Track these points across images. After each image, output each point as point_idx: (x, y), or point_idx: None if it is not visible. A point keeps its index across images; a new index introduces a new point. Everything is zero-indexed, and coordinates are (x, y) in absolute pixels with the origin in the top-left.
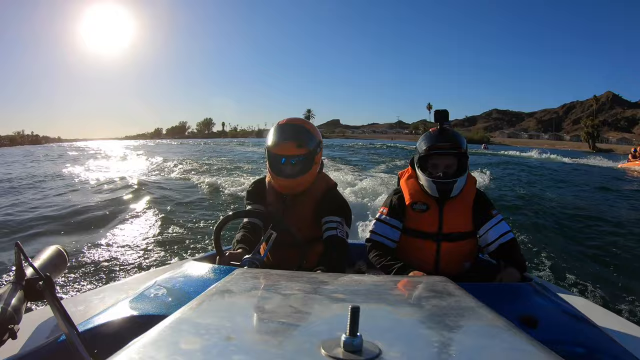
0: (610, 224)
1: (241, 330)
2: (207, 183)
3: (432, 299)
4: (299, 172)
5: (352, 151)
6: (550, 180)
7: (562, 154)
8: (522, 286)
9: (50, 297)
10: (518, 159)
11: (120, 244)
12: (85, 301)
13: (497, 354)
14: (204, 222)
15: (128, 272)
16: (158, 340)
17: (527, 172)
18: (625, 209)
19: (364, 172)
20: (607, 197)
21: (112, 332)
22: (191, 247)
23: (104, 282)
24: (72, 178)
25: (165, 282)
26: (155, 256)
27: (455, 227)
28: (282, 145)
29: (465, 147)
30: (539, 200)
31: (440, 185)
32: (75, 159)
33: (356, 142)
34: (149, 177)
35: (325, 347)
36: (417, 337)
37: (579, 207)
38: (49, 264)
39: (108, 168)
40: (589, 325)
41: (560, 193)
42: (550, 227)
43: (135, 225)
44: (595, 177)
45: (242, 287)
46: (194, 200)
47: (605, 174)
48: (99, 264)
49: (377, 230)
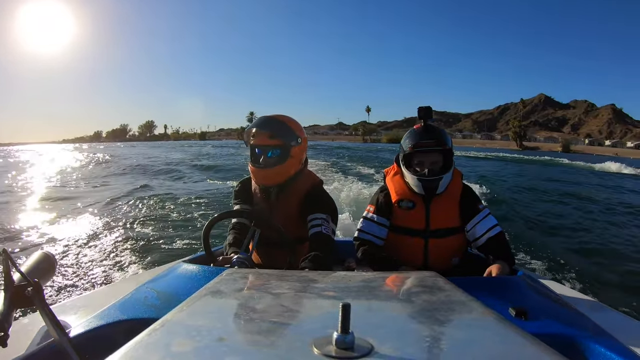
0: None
1: (233, 330)
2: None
3: (422, 294)
4: (274, 163)
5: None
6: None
7: (493, 151)
8: (511, 279)
9: (39, 303)
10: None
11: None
12: (74, 306)
13: (488, 346)
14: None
15: (118, 276)
16: (149, 344)
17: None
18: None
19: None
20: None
21: (102, 337)
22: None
23: (93, 287)
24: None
25: (155, 285)
26: (144, 258)
27: (442, 223)
28: (257, 137)
29: (451, 144)
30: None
31: (425, 183)
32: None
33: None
34: (141, 179)
35: (317, 345)
36: (408, 333)
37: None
38: (36, 270)
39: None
40: (578, 314)
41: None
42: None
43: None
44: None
45: (232, 287)
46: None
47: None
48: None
49: (365, 228)
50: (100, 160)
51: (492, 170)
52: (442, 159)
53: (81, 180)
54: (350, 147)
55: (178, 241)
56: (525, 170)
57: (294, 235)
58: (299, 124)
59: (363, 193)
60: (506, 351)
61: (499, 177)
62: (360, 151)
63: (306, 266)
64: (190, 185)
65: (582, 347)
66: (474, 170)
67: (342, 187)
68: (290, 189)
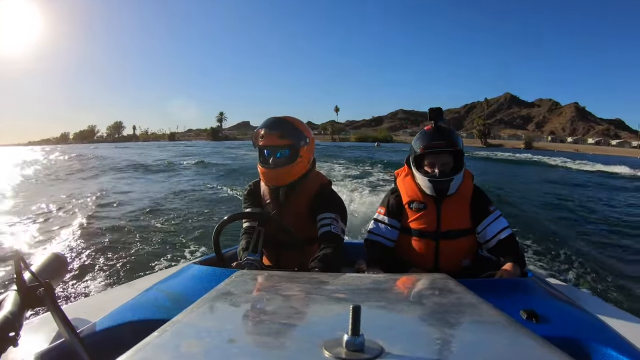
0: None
1: (243, 332)
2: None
3: (433, 297)
4: (283, 163)
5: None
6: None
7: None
8: (522, 281)
9: (50, 304)
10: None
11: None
12: (85, 307)
13: (498, 349)
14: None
15: (129, 277)
16: (160, 345)
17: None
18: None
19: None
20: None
21: (113, 338)
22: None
23: (105, 287)
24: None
25: (165, 286)
26: (155, 259)
27: (453, 225)
28: (266, 137)
29: (462, 145)
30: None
31: (436, 184)
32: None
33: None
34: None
35: (327, 347)
36: (419, 335)
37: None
38: (48, 271)
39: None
40: (590, 317)
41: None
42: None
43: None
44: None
45: (242, 289)
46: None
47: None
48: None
49: (375, 230)
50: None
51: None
52: (452, 160)
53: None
54: (320, 145)
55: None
56: (484, 165)
57: (304, 235)
58: (306, 125)
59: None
60: (517, 354)
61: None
62: (331, 149)
63: (315, 266)
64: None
65: (594, 350)
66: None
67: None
68: (299, 189)
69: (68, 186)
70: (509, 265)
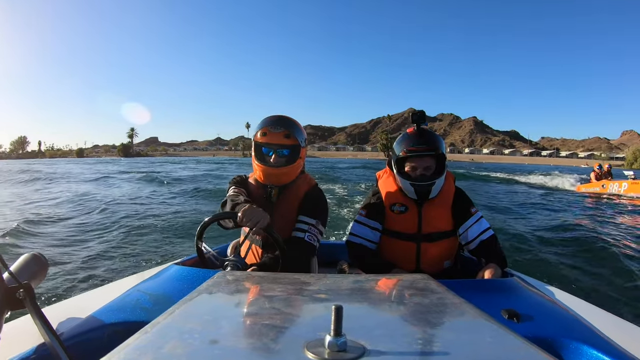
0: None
1: (225, 333)
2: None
3: (414, 297)
4: (285, 162)
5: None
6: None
7: (363, 162)
8: (503, 281)
9: (30, 306)
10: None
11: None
12: (66, 308)
13: (480, 348)
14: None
15: (109, 278)
16: (141, 347)
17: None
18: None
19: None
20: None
21: (94, 340)
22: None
23: (85, 289)
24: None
25: (146, 287)
26: (136, 260)
27: (434, 227)
28: (269, 135)
29: (444, 149)
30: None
31: (418, 187)
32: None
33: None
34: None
35: (310, 348)
36: (401, 335)
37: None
38: (28, 271)
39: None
40: (570, 316)
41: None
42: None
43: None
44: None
45: (224, 289)
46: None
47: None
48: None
49: (356, 232)
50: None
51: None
52: (435, 163)
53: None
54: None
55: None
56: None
57: (289, 235)
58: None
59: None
60: (498, 354)
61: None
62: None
63: (265, 261)
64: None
65: (575, 348)
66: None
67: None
68: (291, 190)
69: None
70: (491, 266)
